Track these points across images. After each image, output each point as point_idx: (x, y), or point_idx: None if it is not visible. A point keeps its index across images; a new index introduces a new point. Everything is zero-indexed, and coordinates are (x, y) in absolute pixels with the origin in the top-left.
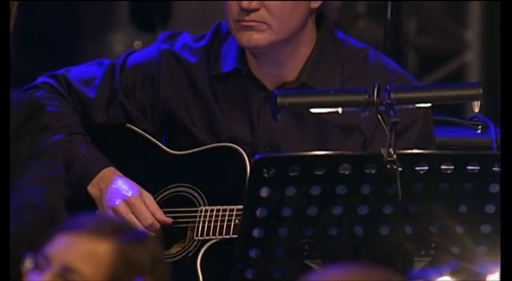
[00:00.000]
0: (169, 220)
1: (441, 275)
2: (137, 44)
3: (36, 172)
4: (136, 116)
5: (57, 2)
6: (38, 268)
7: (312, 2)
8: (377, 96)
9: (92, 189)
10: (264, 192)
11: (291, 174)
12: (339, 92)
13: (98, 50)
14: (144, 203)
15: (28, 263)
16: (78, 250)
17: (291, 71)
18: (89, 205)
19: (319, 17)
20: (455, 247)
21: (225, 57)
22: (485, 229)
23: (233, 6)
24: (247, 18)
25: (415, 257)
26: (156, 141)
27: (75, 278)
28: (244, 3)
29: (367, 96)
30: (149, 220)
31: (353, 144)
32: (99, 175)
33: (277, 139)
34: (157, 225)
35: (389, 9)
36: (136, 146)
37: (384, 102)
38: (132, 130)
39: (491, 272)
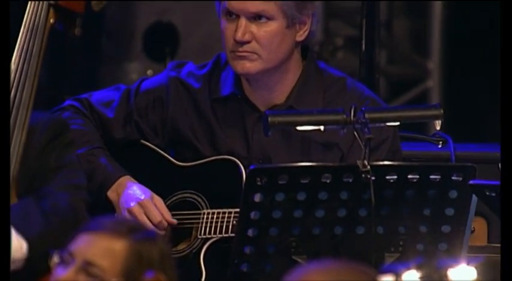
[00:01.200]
0: (175, 222)
1: (408, 268)
2: (149, 72)
3: (62, 181)
4: (149, 133)
5: (82, 36)
6: (63, 262)
7: (297, 35)
8: (353, 116)
9: (111, 194)
10: (257, 197)
11: (280, 182)
12: (321, 112)
13: (115, 78)
14: (155, 205)
15: (55, 259)
16: (98, 247)
17: (280, 95)
18: (109, 208)
19: (305, 49)
20: (420, 244)
21: (224, 83)
22: (445, 229)
23: (229, 38)
24: (240, 49)
25: (386, 253)
26: (165, 154)
27: (95, 271)
28: (238, 36)
29: (345, 116)
30: (159, 219)
31: (332, 158)
32: (117, 182)
33: (268, 153)
34: (166, 224)
35: (363, 42)
36: (149, 158)
37: (360, 121)
38: (146, 145)
39: (451, 267)
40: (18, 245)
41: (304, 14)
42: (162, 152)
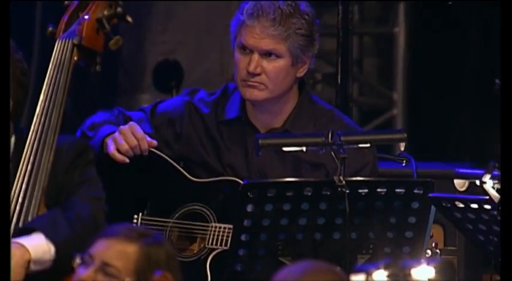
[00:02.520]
0: (154, 143)
1: (377, 268)
2: None
3: (84, 193)
4: (161, 146)
5: (101, 71)
6: (84, 263)
7: (298, 72)
8: (331, 139)
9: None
10: (249, 208)
11: (268, 195)
12: (303, 136)
13: (129, 107)
14: (131, 132)
15: (78, 260)
16: (113, 250)
17: (278, 120)
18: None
19: (301, 83)
20: (387, 248)
21: (230, 108)
22: (409, 234)
23: (242, 69)
24: (251, 79)
25: (358, 255)
26: (180, 168)
27: (111, 271)
28: (251, 69)
29: (323, 139)
30: (134, 143)
31: (318, 176)
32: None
33: (265, 170)
34: (144, 147)
35: (338, 77)
36: (165, 169)
37: (336, 143)
38: (162, 157)
39: (414, 266)
40: (47, 248)
41: (306, 55)
42: (177, 166)
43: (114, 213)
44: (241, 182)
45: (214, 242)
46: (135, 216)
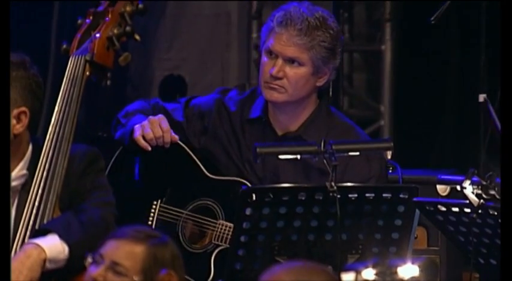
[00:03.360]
0: (176, 138)
1: (366, 267)
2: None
3: (96, 199)
4: (190, 135)
5: (111, 85)
6: (95, 262)
7: (318, 81)
8: (323, 147)
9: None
10: (248, 211)
11: (266, 199)
12: (297, 145)
13: None
14: (159, 124)
15: (89, 259)
16: (122, 250)
17: (295, 124)
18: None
19: (322, 92)
20: (375, 248)
21: (255, 108)
22: (395, 236)
23: (266, 71)
24: (274, 82)
25: (348, 255)
26: (199, 162)
27: (120, 270)
28: (274, 72)
29: (316, 148)
30: (159, 134)
31: (326, 181)
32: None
33: (278, 170)
34: (167, 140)
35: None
36: (186, 162)
37: (328, 151)
38: (185, 150)
39: (399, 265)
40: (62, 248)
41: (327, 66)
42: (197, 159)
43: (136, 199)
44: (249, 185)
45: (219, 239)
46: (155, 202)
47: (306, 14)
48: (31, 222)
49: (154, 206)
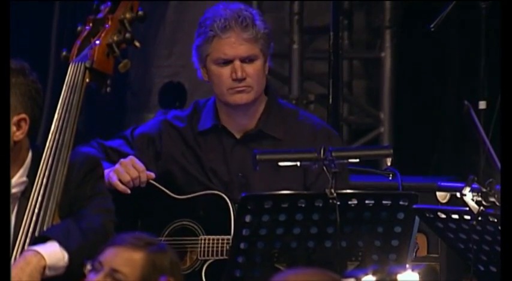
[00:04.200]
0: (152, 175)
1: (366, 274)
2: None
3: (95, 206)
4: (144, 163)
5: (111, 92)
6: (95, 269)
7: (265, 66)
8: (323, 154)
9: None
10: (247, 218)
11: (265, 206)
12: (297, 152)
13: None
14: (132, 165)
15: (88, 266)
16: (121, 257)
17: (252, 122)
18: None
19: (267, 85)
20: (375, 255)
21: (205, 120)
22: (395, 243)
23: (226, 79)
24: (240, 85)
25: (348, 262)
26: (163, 188)
27: (119, 277)
28: (238, 75)
29: (316, 154)
30: (135, 175)
31: (295, 176)
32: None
33: (245, 171)
34: (143, 179)
35: (330, 98)
36: (149, 191)
37: (327, 158)
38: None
39: (399, 272)
40: (61, 255)
41: (269, 52)
42: (160, 186)
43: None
44: (223, 195)
45: (205, 254)
46: None
47: (238, 11)
48: (31, 229)
49: None
